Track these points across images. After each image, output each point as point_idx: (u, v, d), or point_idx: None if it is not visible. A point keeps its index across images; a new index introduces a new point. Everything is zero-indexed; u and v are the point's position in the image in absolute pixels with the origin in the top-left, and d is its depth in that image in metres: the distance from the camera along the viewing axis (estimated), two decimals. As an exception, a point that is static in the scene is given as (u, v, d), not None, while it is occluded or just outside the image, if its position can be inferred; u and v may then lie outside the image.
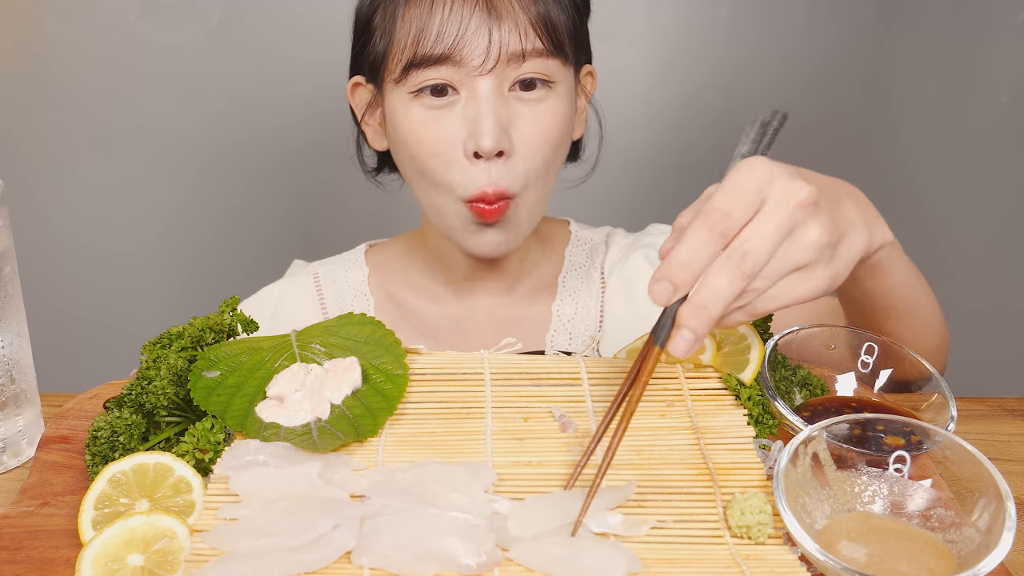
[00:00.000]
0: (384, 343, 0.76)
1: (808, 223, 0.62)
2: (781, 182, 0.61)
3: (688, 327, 0.59)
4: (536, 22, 0.94)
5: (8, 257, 0.81)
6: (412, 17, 0.94)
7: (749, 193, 0.61)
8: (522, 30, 0.93)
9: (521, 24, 0.93)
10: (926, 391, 0.74)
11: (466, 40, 0.92)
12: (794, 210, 0.61)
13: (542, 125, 0.96)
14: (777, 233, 0.60)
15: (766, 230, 0.60)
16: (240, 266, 1.83)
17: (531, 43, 0.93)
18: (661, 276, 0.60)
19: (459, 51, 0.92)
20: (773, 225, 0.60)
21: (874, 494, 0.63)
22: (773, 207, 0.61)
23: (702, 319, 0.59)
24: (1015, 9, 1.71)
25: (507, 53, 0.93)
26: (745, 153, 0.68)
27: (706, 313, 0.59)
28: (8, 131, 1.75)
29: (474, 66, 0.93)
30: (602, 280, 1.13)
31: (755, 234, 0.60)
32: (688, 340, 0.60)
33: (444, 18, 0.92)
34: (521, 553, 0.58)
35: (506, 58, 0.93)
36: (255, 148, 1.78)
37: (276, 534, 0.58)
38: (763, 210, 0.61)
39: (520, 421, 0.71)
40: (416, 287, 1.13)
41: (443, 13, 0.92)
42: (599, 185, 1.23)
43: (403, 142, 0.98)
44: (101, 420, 0.70)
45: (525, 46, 0.93)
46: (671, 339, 0.60)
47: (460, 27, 0.92)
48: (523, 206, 0.98)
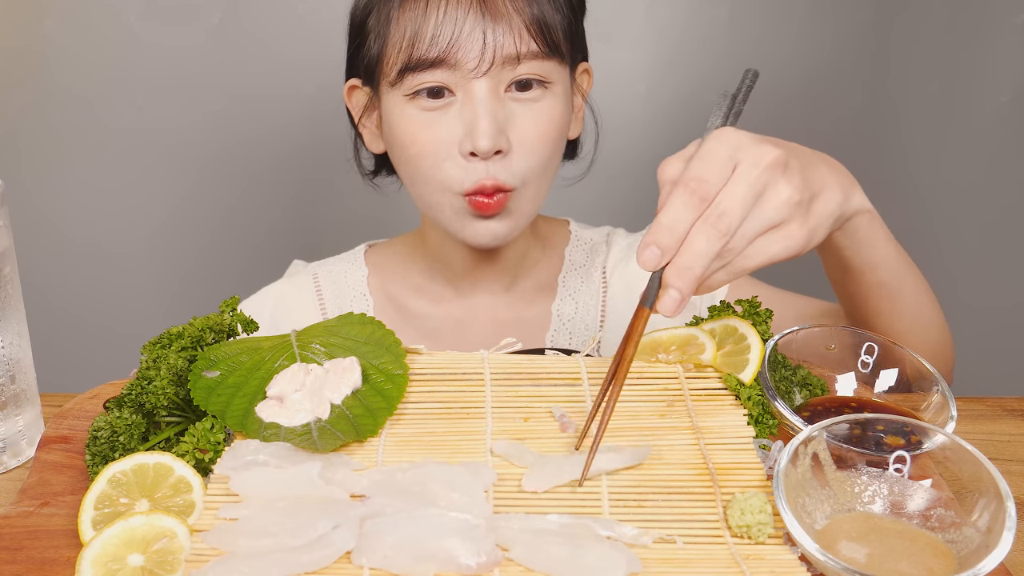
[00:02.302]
0: (384, 343, 0.76)
1: (778, 182, 0.66)
2: (750, 148, 0.65)
3: (675, 287, 0.63)
4: (531, 24, 0.93)
5: (8, 257, 0.81)
6: (406, 20, 0.94)
7: (721, 159, 0.65)
8: (517, 32, 0.93)
9: (516, 26, 0.93)
10: (926, 391, 0.74)
11: (461, 43, 0.92)
12: (763, 171, 0.65)
13: (539, 125, 0.96)
14: (749, 193, 0.64)
15: (738, 191, 0.64)
16: (240, 266, 1.83)
17: (526, 45, 0.93)
18: (648, 242, 0.64)
19: (454, 54, 0.92)
20: (744, 186, 0.64)
21: (874, 494, 0.63)
22: (743, 170, 0.65)
23: (687, 279, 0.63)
24: (1015, 9, 1.71)
25: (502, 55, 0.93)
26: (716, 125, 0.72)
27: (690, 273, 0.63)
28: (8, 131, 1.75)
29: (469, 69, 0.93)
30: (604, 280, 1.13)
31: (728, 195, 0.64)
32: (675, 299, 0.63)
33: (438, 21, 0.92)
34: (521, 553, 0.58)
35: (501, 60, 0.93)
36: (255, 148, 1.78)
37: (276, 534, 0.58)
38: (735, 174, 0.65)
39: (520, 421, 0.71)
40: (416, 288, 1.13)
41: (437, 16, 0.92)
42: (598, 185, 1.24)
43: (400, 144, 0.98)
44: (101, 420, 0.70)
45: (520, 48, 0.93)
46: (659, 299, 0.64)
47: (455, 30, 0.92)
48: (522, 199, 0.98)
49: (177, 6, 1.69)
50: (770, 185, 0.65)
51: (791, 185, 0.66)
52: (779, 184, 0.66)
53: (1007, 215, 1.84)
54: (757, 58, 1.73)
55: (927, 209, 1.82)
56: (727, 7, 1.72)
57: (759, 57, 1.74)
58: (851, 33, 1.73)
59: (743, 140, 0.66)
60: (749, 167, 0.65)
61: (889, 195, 1.78)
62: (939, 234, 1.83)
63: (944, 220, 1.83)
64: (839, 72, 1.74)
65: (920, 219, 1.81)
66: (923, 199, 1.82)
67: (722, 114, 0.72)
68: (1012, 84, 1.75)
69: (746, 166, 0.65)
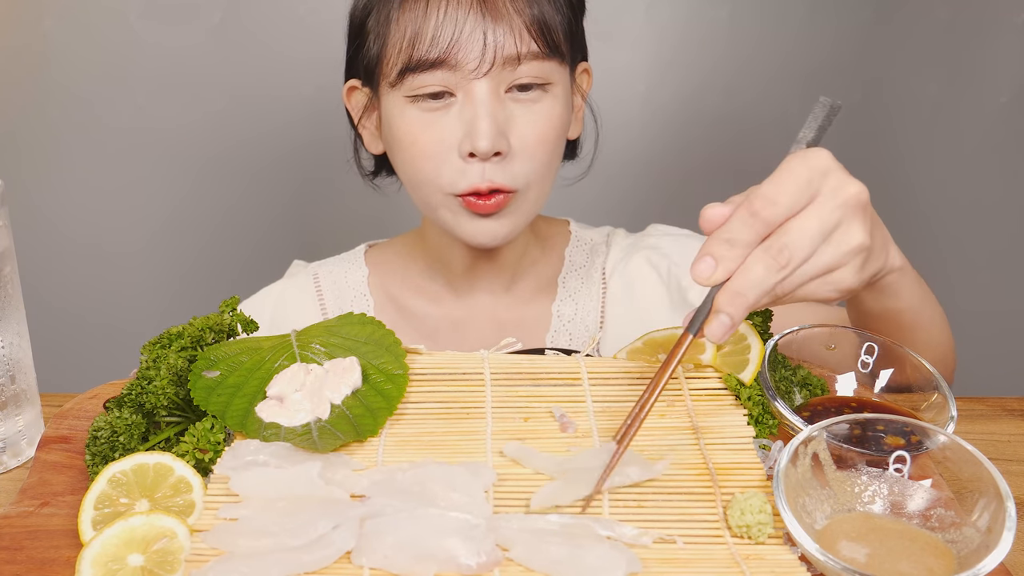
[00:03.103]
0: (384, 343, 0.76)
1: (852, 224, 0.62)
2: (837, 175, 0.62)
3: (726, 312, 0.62)
4: (531, 24, 0.93)
5: (8, 257, 0.81)
6: (406, 21, 0.94)
7: (799, 183, 0.61)
8: (517, 33, 0.93)
9: (516, 27, 0.93)
10: (926, 391, 0.74)
11: (461, 44, 0.92)
12: (841, 206, 0.61)
13: (539, 126, 0.96)
14: (820, 231, 0.61)
15: (810, 226, 0.61)
16: (240, 266, 1.83)
17: (526, 46, 0.93)
18: (704, 253, 0.62)
19: (455, 55, 0.92)
20: (817, 222, 0.61)
21: (874, 494, 0.63)
22: (821, 202, 0.61)
23: (738, 305, 0.61)
24: (1015, 9, 1.71)
25: (503, 56, 0.93)
26: (809, 139, 0.68)
27: (743, 300, 0.61)
28: (8, 131, 1.75)
29: (470, 70, 0.92)
30: (603, 280, 1.13)
31: (798, 229, 0.61)
32: (724, 325, 0.62)
33: (439, 22, 0.92)
34: (521, 553, 0.58)
35: (501, 61, 0.93)
36: (255, 148, 1.78)
37: (276, 534, 0.58)
38: (811, 205, 0.61)
39: (520, 421, 0.71)
40: (416, 288, 1.13)
41: (438, 17, 0.92)
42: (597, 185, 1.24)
43: (400, 145, 0.98)
44: (101, 420, 0.70)
45: (520, 49, 0.93)
46: (708, 322, 0.62)
47: (455, 31, 0.92)
48: (525, 201, 0.98)
49: (177, 6, 1.69)
50: (844, 224, 0.62)
51: (864, 231, 0.62)
52: (853, 226, 0.62)
53: (1007, 215, 1.84)
54: (757, 58, 1.74)
55: (926, 209, 1.82)
56: (727, 7, 1.72)
57: (759, 57, 1.74)
58: (851, 33, 1.73)
59: (832, 167, 0.62)
60: (827, 198, 0.61)
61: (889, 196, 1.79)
62: (938, 234, 1.83)
63: (943, 220, 1.83)
64: (839, 72, 1.74)
65: (919, 219, 1.81)
66: (922, 199, 1.82)
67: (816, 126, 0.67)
68: (1012, 84, 1.75)
69: (824, 198, 0.61)
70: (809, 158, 0.62)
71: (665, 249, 1.12)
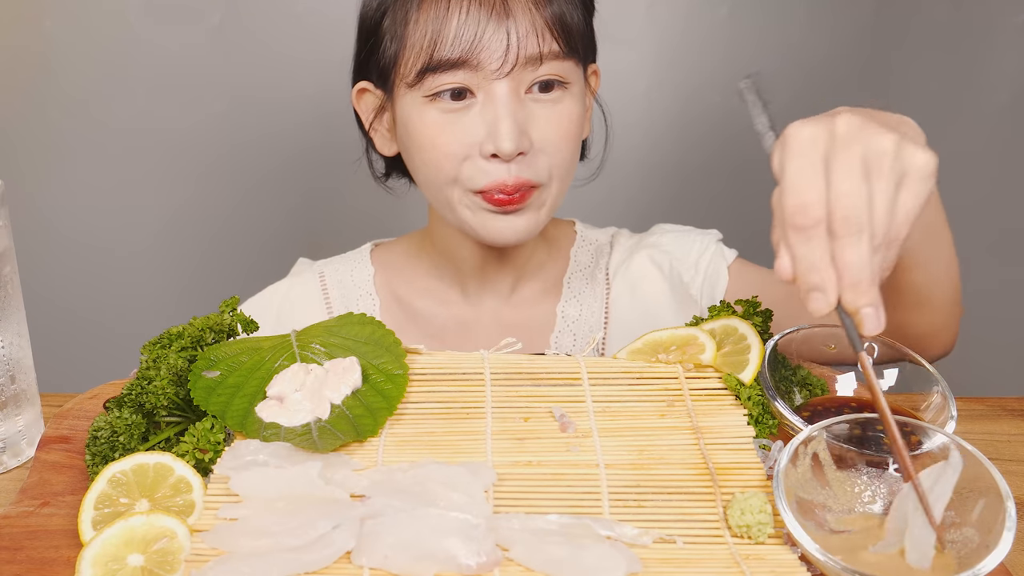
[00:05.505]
0: (384, 343, 0.76)
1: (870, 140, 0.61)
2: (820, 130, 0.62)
3: (859, 305, 0.61)
4: (552, 23, 0.93)
5: (8, 257, 0.81)
6: (426, 20, 0.93)
7: (810, 169, 0.61)
8: (539, 32, 0.92)
9: (538, 26, 0.92)
10: (926, 391, 0.74)
11: (483, 44, 0.91)
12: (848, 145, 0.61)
13: (560, 125, 0.95)
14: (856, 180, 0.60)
15: (844, 187, 0.60)
16: (241, 267, 1.83)
17: (548, 45, 0.93)
18: (808, 289, 0.61)
19: (476, 55, 0.91)
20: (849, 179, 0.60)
21: (874, 494, 0.63)
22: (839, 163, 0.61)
23: (863, 292, 0.60)
24: (1015, 9, 1.71)
25: (524, 56, 0.92)
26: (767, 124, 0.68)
27: (862, 285, 0.60)
28: (8, 131, 1.75)
29: (492, 70, 0.92)
30: (607, 281, 1.13)
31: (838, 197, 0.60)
32: (871, 316, 0.61)
33: (461, 22, 0.91)
34: (521, 553, 0.58)
35: (523, 61, 0.92)
36: (255, 148, 1.77)
37: (276, 534, 0.58)
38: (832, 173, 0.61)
39: (520, 421, 0.71)
40: (422, 288, 1.13)
41: (460, 16, 0.91)
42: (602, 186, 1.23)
43: (418, 146, 0.97)
44: (101, 420, 0.70)
45: (542, 48, 0.92)
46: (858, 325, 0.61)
47: (477, 30, 0.91)
48: (548, 195, 0.97)
49: (177, 6, 1.69)
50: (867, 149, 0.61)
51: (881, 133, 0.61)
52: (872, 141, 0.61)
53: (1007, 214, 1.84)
54: (757, 58, 1.74)
55: (927, 209, 1.82)
56: (727, 7, 1.72)
57: (759, 57, 1.74)
58: (851, 33, 1.73)
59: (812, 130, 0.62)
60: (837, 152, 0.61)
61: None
62: (939, 234, 1.83)
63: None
64: (839, 72, 1.74)
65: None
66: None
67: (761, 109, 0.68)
68: (1012, 84, 1.75)
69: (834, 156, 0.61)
70: (789, 141, 0.62)
71: (666, 246, 1.12)
